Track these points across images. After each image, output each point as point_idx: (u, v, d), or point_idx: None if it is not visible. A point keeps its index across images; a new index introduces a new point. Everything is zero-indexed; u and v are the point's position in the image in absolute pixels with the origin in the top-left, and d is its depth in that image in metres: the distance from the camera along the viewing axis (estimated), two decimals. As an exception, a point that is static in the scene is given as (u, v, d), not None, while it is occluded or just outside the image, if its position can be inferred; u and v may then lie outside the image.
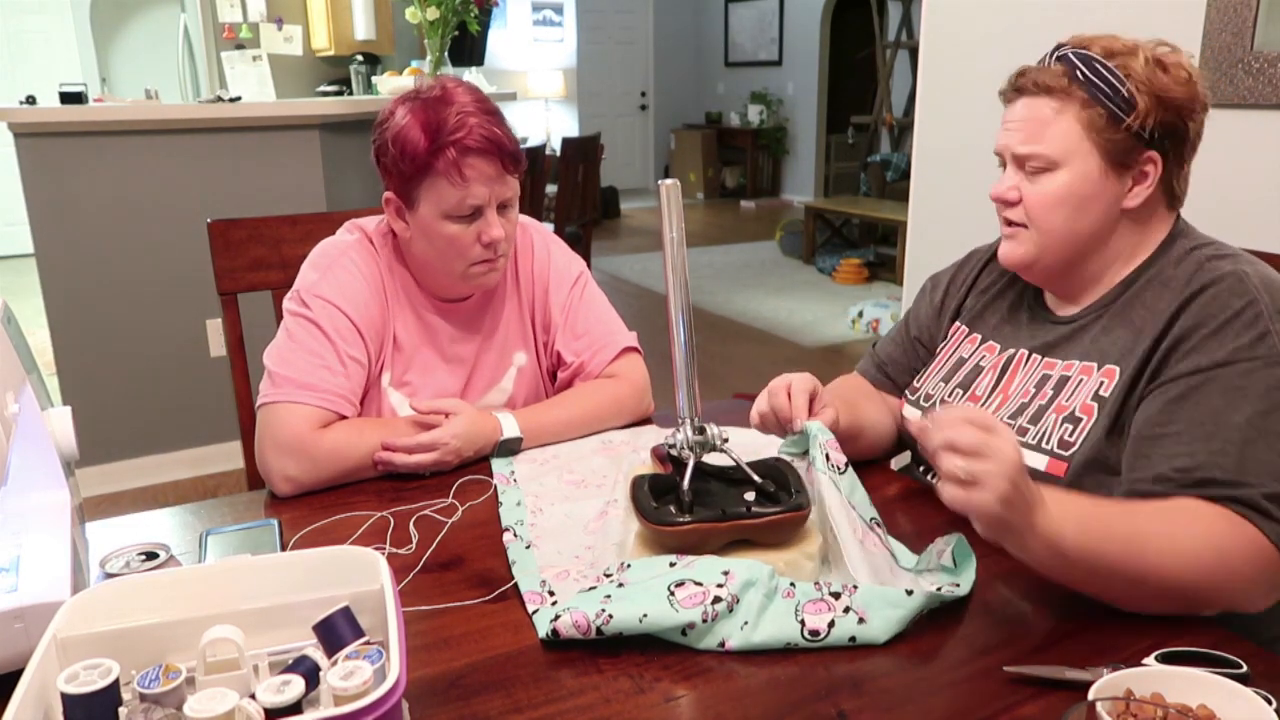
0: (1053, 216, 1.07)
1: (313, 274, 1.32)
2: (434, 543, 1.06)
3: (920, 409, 1.24)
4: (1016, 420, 1.10)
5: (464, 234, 1.28)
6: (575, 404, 1.39)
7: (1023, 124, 1.08)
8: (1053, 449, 1.04)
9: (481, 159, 1.24)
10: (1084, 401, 1.05)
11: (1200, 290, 1.00)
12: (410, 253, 1.35)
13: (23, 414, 0.93)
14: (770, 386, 1.15)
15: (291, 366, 1.25)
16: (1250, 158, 1.78)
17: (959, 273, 1.32)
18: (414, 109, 1.25)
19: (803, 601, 0.87)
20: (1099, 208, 1.06)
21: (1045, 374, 1.11)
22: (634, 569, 0.92)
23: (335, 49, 5.81)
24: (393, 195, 1.30)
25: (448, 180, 1.24)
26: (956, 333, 1.28)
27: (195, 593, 0.74)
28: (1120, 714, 0.65)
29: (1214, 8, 1.81)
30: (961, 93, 2.37)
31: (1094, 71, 1.03)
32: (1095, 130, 1.04)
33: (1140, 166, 1.05)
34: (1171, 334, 0.99)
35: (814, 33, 9.57)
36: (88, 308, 3.04)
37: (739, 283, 6.43)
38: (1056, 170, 1.06)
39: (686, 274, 1.00)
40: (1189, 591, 0.87)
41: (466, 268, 1.31)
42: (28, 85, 4.07)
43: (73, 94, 3.03)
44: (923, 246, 2.56)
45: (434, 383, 1.38)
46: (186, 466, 3.25)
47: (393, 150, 1.25)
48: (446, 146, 1.22)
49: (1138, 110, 1.02)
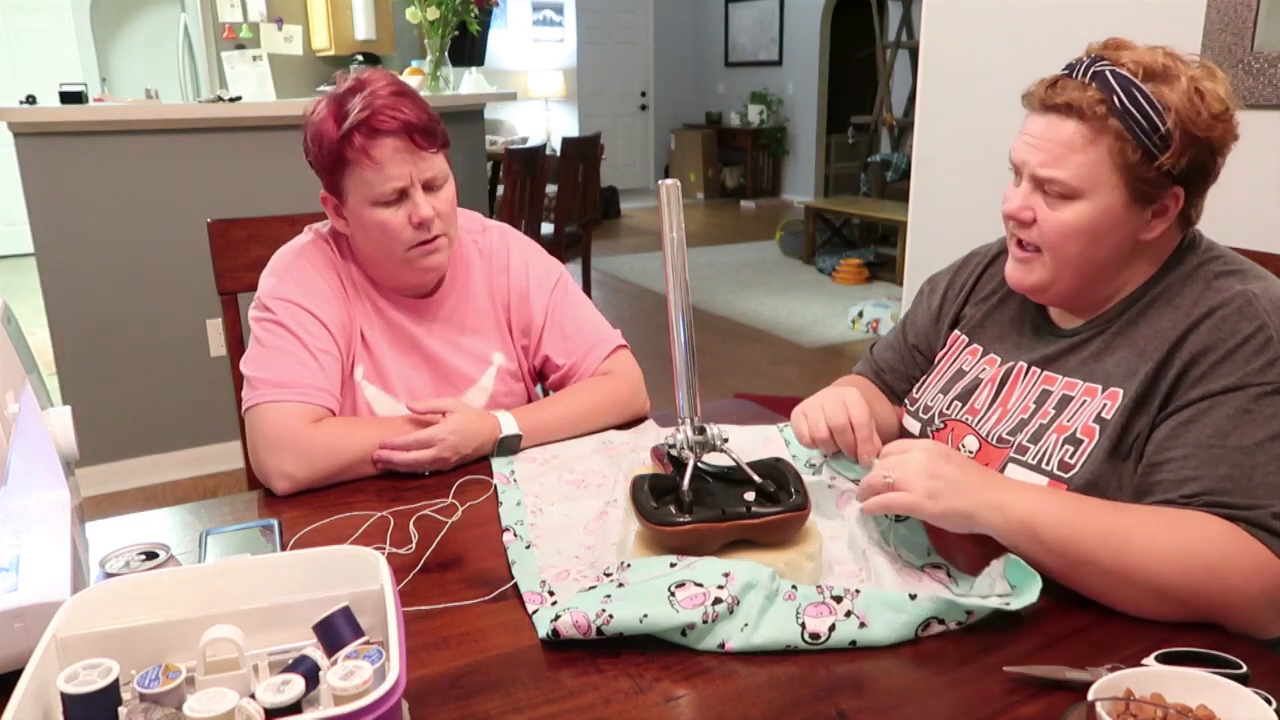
0: (1069, 246, 1.03)
1: (271, 279, 1.33)
2: (434, 543, 1.06)
3: (920, 420, 1.23)
4: (1015, 437, 1.08)
5: (394, 218, 1.27)
6: (573, 401, 1.39)
7: (1047, 144, 1.02)
8: (1053, 470, 1.03)
9: (390, 138, 1.24)
10: (1086, 423, 1.03)
11: (1208, 313, 0.98)
12: (356, 248, 1.36)
13: (23, 414, 0.93)
14: (826, 406, 1.13)
15: (267, 369, 1.26)
16: (1250, 158, 1.78)
17: (956, 277, 1.30)
18: (329, 101, 1.26)
19: (804, 604, 0.87)
20: (1116, 240, 1.03)
21: (1045, 389, 1.10)
22: (634, 569, 0.92)
23: (335, 49, 5.81)
24: (326, 193, 1.31)
25: (362, 166, 1.24)
26: (956, 343, 1.26)
27: (195, 593, 0.74)
28: (1120, 714, 0.65)
29: (1214, 8, 1.81)
30: (961, 93, 2.37)
31: (1133, 101, 0.97)
32: (1126, 166, 0.99)
33: (1163, 201, 1.01)
34: (1179, 359, 0.98)
35: (814, 33, 9.57)
36: (88, 308, 3.04)
37: (739, 283, 6.43)
38: (1078, 200, 1.01)
39: (686, 274, 1.00)
40: (1179, 596, 0.87)
41: (405, 252, 1.30)
42: (28, 85, 4.07)
43: (73, 94, 3.03)
44: (923, 246, 2.57)
45: (405, 379, 1.38)
46: (186, 466, 3.25)
47: (312, 146, 1.27)
48: (353, 132, 1.23)
49: (1173, 149, 0.97)
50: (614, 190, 9.57)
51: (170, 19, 6.40)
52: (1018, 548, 0.92)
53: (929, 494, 0.94)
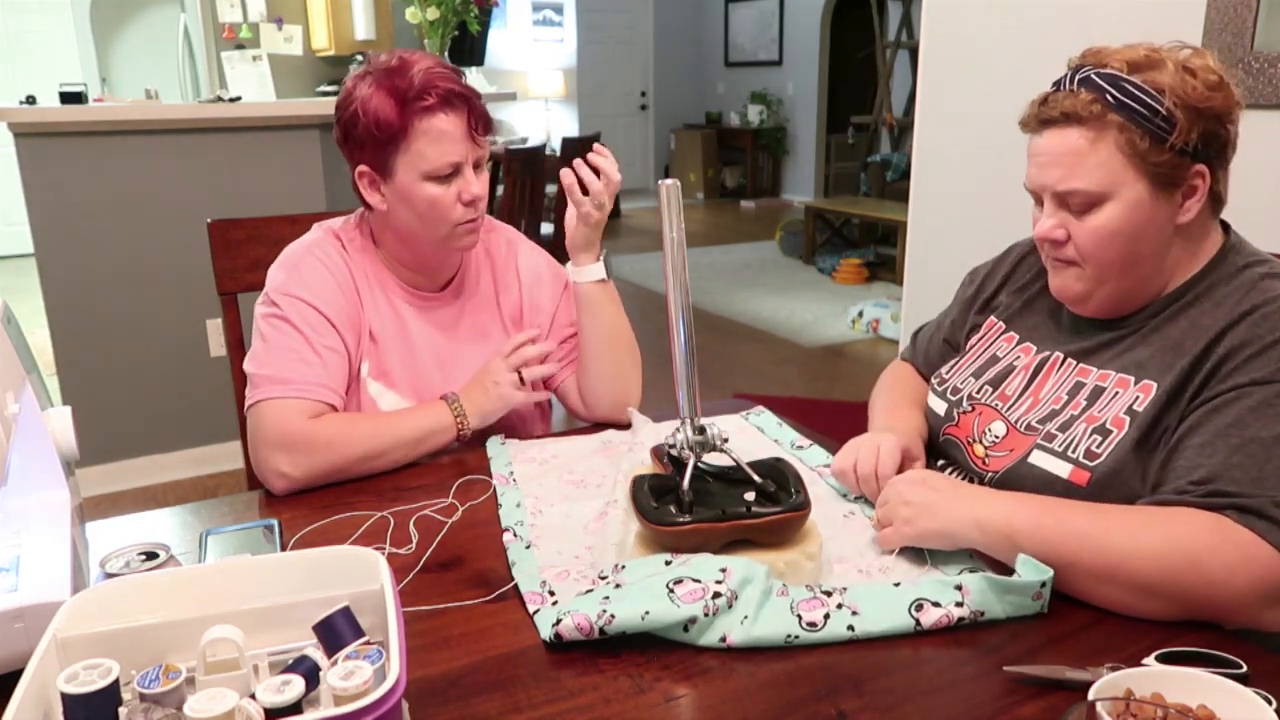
0: (1108, 251, 1.02)
1: (279, 273, 1.33)
2: (434, 543, 1.06)
3: (947, 401, 1.22)
4: (1045, 425, 1.08)
5: (444, 194, 1.28)
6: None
7: (1056, 158, 1.01)
8: (1078, 458, 1.03)
9: (454, 114, 1.26)
10: (1117, 414, 1.02)
11: (1251, 310, 0.97)
12: (390, 228, 1.35)
13: (23, 414, 0.93)
14: (860, 450, 1.14)
15: (268, 366, 1.26)
16: (1250, 158, 1.78)
17: (997, 267, 1.30)
18: (376, 80, 1.26)
19: (797, 600, 0.88)
20: (1154, 231, 1.01)
21: (1079, 381, 1.09)
22: (630, 569, 0.92)
23: (335, 49, 5.80)
24: (366, 168, 1.30)
25: (422, 139, 1.25)
26: (992, 329, 1.25)
27: (195, 593, 0.74)
28: (1120, 714, 0.65)
29: (1214, 8, 1.81)
30: (961, 93, 2.37)
31: (1125, 93, 0.98)
32: (1138, 155, 0.98)
33: (1189, 181, 1.00)
34: (1216, 353, 0.97)
35: (814, 33, 9.57)
36: (88, 308, 3.04)
37: (739, 283, 6.43)
38: (1105, 204, 1.00)
39: (686, 274, 1.00)
40: (1164, 593, 0.87)
41: (451, 229, 1.31)
42: (28, 85, 4.06)
43: (73, 94, 3.03)
44: (923, 246, 2.56)
45: (411, 374, 1.38)
46: (186, 466, 3.25)
47: (364, 120, 1.25)
48: (418, 106, 1.24)
49: (1179, 127, 0.96)
50: (614, 190, 9.56)
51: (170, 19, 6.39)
52: (1003, 559, 0.93)
53: (905, 520, 0.99)
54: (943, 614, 0.87)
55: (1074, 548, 0.90)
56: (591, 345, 1.42)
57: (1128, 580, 0.87)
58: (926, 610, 0.87)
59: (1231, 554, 0.86)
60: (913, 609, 0.87)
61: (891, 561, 1.00)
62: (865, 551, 1.03)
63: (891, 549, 1.01)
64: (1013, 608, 0.88)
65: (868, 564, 1.00)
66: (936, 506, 0.97)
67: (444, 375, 1.40)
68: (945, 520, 0.97)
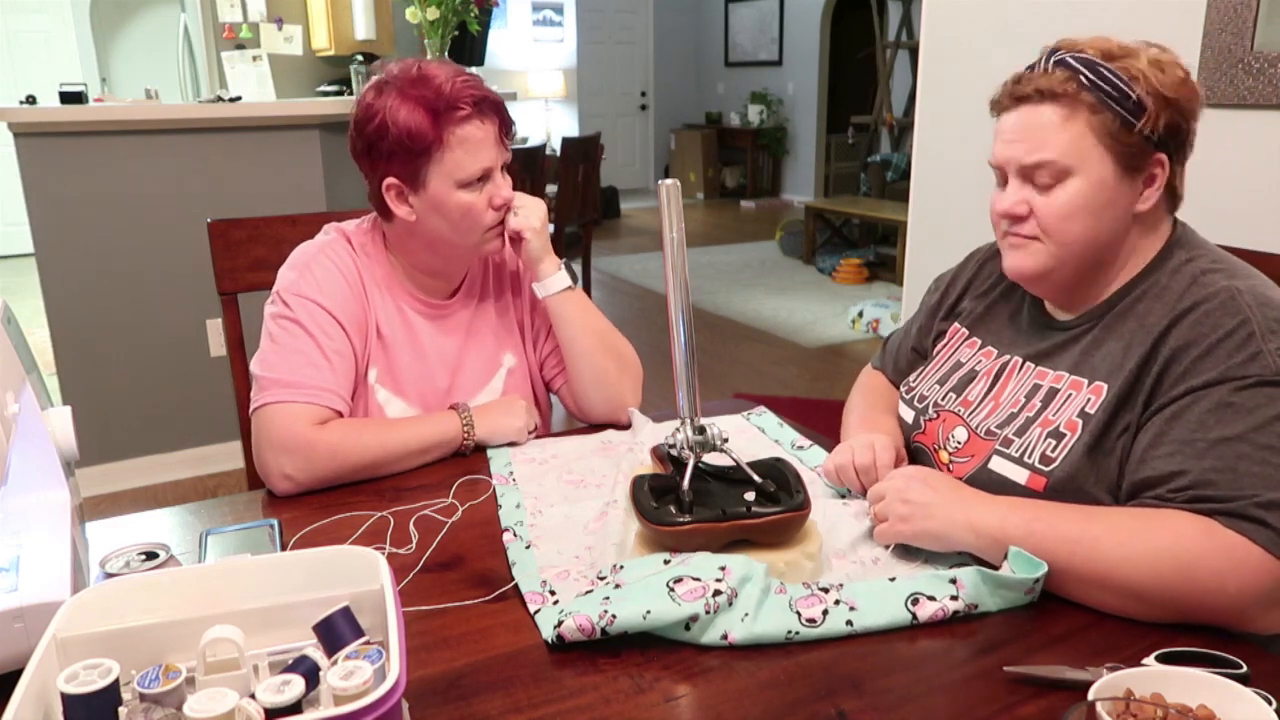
0: (1071, 226, 1.03)
1: (290, 274, 1.33)
2: (434, 543, 1.06)
3: (915, 409, 1.24)
4: (1003, 430, 1.09)
5: (477, 201, 1.30)
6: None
7: (1025, 132, 1.03)
8: (1034, 464, 1.04)
9: (487, 121, 1.28)
10: (1070, 418, 1.03)
11: (1191, 307, 0.98)
12: (416, 236, 1.34)
13: (23, 414, 0.93)
14: (855, 446, 1.16)
15: (277, 368, 1.25)
16: (1250, 158, 1.78)
17: (959, 273, 1.32)
18: (401, 90, 1.26)
19: (795, 598, 0.89)
20: (1114, 213, 1.03)
21: (1036, 383, 1.10)
22: (628, 569, 0.92)
23: (335, 49, 5.80)
24: (394, 180, 1.29)
25: (457, 148, 1.26)
26: (956, 335, 1.27)
27: (195, 593, 0.74)
28: (1120, 714, 0.65)
29: (1214, 8, 1.81)
30: (961, 93, 2.37)
31: (1099, 76, 1.00)
32: (1108, 135, 1.00)
33: (1150, 169, 1.03)
34: (1162, 354, 0.98)
35: (814, 33, 9.57)
36: (88, 308, 3.04)
37: (739, 283, 6.43)
38: (1070, 178, 1.02)
39: (686, 274, 1.00)
40: (1156, 599, 0.87)
41: (482, 234, 1.33)
42: (28, 85, 4.07)
43: (73, 94, 3.03)
44: (923, 246, 2.56)
45: (419, 380, 1.38)
46: (186, 466, 3.25)
47: (395, 132, 1.25)
48: (453, 116, 1.25)
49: (1149, 113, 0.99)
50: (614, 190, 9.57)
51: (170, 19, 6.40)
52: (996, 564, 0.94)
53: (901, 518, 1.00)
54: (938, 607, 0.88)
55: (1066, 553, 0.90)
56: (570, 353, 1.41)
57: (1120, 586, 0.88)
58: (922, 604, 0.88)
59: (1220, 559, 0.86)
60: (909, 603, 0.88)
61: (884, 554, 1.01)
62: (859, 545, 1.04)
63: (886, 544, 1.02)
64: (1005, 601, 0.90)
65: (860, 556, 1.02)
66: (934, 508, 0.98)
67: (451, 382, 1.40)
68: (941, 522, 0.97)
